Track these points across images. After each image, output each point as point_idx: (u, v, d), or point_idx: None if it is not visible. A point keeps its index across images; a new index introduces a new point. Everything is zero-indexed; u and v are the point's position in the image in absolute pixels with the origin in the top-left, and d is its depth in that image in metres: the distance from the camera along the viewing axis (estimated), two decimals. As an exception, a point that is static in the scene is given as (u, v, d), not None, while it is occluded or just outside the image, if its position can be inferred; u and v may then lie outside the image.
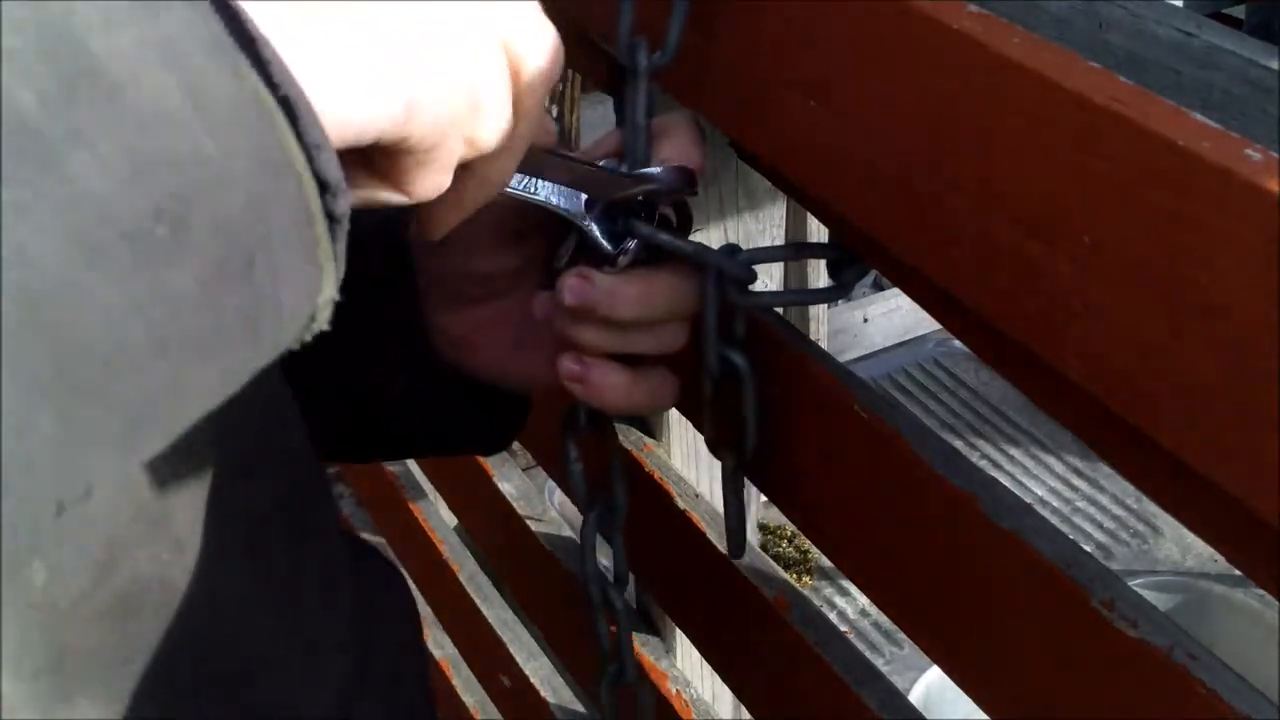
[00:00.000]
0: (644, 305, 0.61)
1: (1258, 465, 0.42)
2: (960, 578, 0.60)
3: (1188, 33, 0.50)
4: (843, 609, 2.26)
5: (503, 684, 1.34)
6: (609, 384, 0.63)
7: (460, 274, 0.65)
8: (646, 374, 0.64)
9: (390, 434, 0.73)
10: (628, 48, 0.62)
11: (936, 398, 2.63)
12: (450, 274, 0.65)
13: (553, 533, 1.10)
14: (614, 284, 0.60)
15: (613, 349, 0.63)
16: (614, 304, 0.60)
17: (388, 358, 0.67)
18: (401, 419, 0.70)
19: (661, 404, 0.66)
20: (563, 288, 0.60)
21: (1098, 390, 0.47)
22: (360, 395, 0.69)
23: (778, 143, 0.60)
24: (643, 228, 0.61)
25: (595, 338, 0.62)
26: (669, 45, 0.62)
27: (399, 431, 0.72)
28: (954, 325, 0.59)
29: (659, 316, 0.62)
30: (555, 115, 2.40)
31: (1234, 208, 0.40)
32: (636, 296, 0.61)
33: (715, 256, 0.62)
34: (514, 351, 0.67)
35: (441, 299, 0.66)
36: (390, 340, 0.66)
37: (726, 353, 0.64)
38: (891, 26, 0.51)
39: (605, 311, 0.60)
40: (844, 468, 0.67)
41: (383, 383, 0.68)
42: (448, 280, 0.66)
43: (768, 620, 0.76)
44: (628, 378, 0.63)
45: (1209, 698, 0.48)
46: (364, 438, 0.73)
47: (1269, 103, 0.48)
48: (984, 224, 0.49)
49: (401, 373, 0.67)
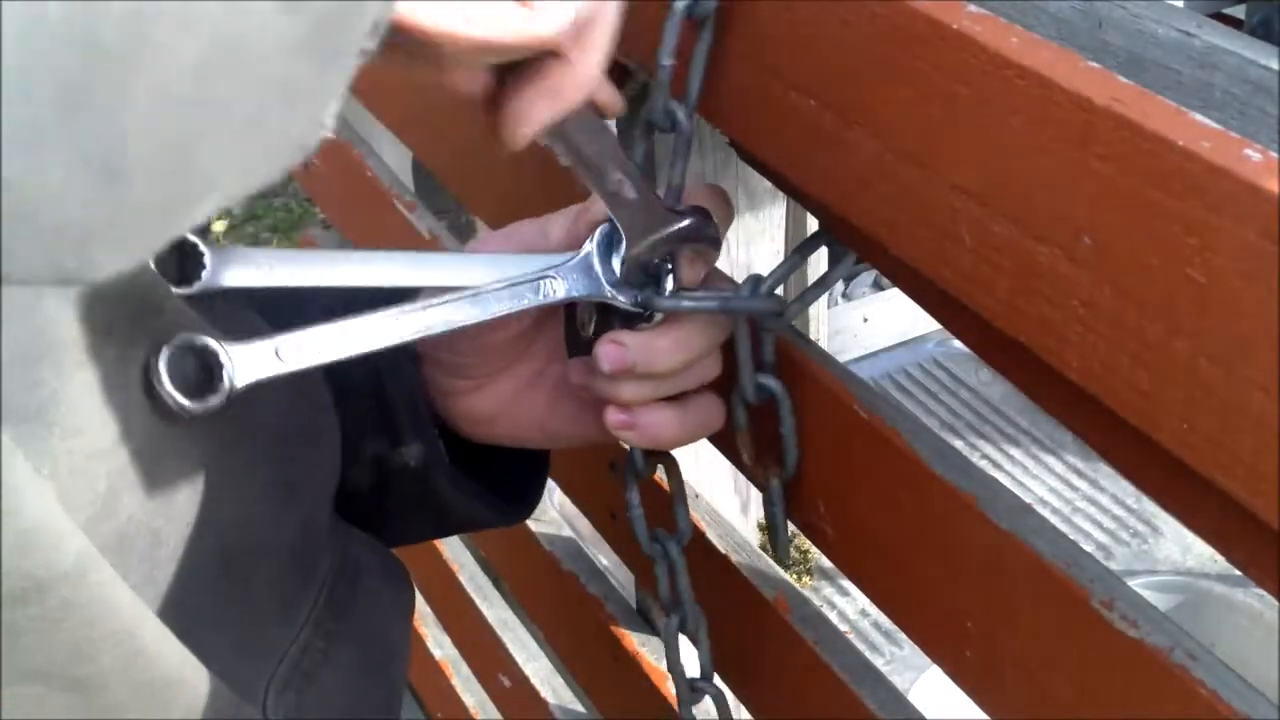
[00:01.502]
0: (680, 353, 0.61)
1: (1258, 466, 0.42)
2: (960, 578, 0.60)
3: (1188, 33, 0.50)
4: (843, 609, 2.26)
5: (503, 684, 1.34)
6: (660, 424, 0.63)
7: (477, 352, 0.65)
8: (692, 403, 0.65)
9: (413, 511, 0.71)
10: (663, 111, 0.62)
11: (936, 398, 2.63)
12: (467, 358, 0.65)
13: (553, 533, 1.10)
14: (647, 341, 0.61)
15: (656, 396, 0.63)
16: (651, 360, 0.61)
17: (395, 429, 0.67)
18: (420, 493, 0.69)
19: (714, 426, 0.66)
20: (599, 357, 0.60)
21: (1098, 390, 0.47)
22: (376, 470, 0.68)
23: (778, 143, 0.60)
24: (664, 301, 0.61)
25: (637, 391, 0.62)
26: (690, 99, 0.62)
27: (421, 507, 0.70)
28: (954, 325, 0.59)
29: (695, 358, 0.62)
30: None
31: (1234, 208, 0.40)
32: (671, 347, 0.61)
33: (743, 303, 0.62)
34: (551, 412, 0.68)
35: (461, 383, 0.66)
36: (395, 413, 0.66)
37: (762, 380, 0.66)
38: (891, 26, 0.51)
39: (644, 369, 0.61)
40: (843, 468, 0.67)
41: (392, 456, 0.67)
42: (465, 360, 0.66)
43: (768, 620, 0.76)
44: (676, 413, 0.64)
45: (1209, 698, 0.48)
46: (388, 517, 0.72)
47: (1269, 103, 0.48)
48: (984, 224, 0.49)
49: (411, 444, 0.67)
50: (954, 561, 0.60)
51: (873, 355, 2.72)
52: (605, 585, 1.04)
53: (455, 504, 0.69)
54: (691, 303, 0.61)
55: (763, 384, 0.66)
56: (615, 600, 1.03)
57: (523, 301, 0.59)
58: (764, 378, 0.66)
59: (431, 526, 0.74)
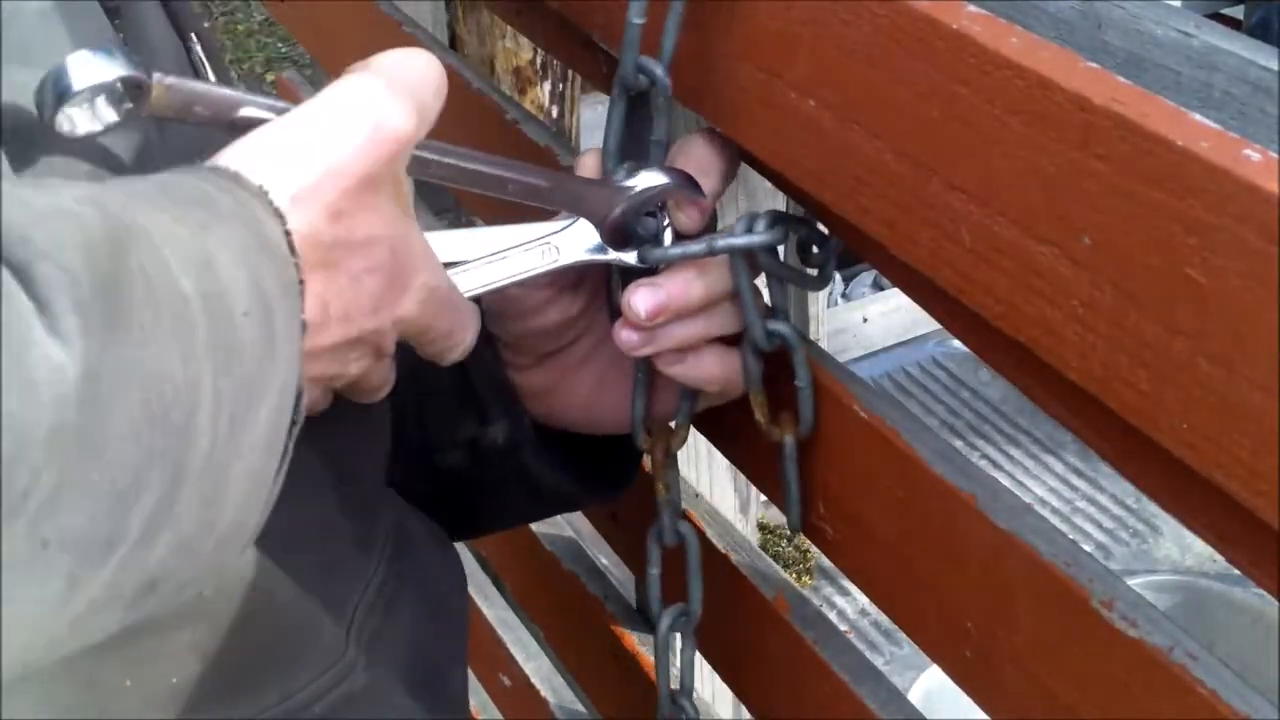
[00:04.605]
0: (706, 282, 0.64)
1: (1258, 466, 0.42)
2: (960, 578, 0.60)
3: (1187, 33, 0.51)
4: (843, 609, 2.26)
5: (503, 684, 1.34)
6: (708, 357, 0.66)
7: (533, 332, 0.69)
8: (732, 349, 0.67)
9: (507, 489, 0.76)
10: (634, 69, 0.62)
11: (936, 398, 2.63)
12: (524, 335, 0.69)
13: (553, 533, 1.10)
14: (674, 276, 0.64)
15: (697, 338, 0.65)
16: (686, 291, 0.63)
17: (481, 409, 0.72)
18: (511, 470, 0.74)
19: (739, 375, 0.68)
20: (631, 303, 0.63)
21: (1097, 390, 0.47)
22: (469, 452, 0.73)
23: (778, 142, 0.60)
24: (655, 252, 0.63)
25: (681, 332, 0.65)
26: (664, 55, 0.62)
27: (514, 484, 0.75)
28: (954, 325, 0.59)
29: (718, 292, 0.64)
30: (555, 116, 2.40)
31: (1234, 208, 0.40)
32: (696, 275, 0.64)
33: (729, 241, 0.62)
34: (597, 393, 0.72)
35: (520, 359, 0.71)
36: (479, 394, 0.72)
37: (773, 326, 0.65)
38: (891, 26, 0.51)
39: (681, 302, 0.63)
40: (844, 468, 0.67)
41: (482, 435, 0.72)
42: (523, 341, 0.70)
43: (768, 620, 0.76)
44: (719, 349, 0.66)
45: (1209, 697, 0.48)
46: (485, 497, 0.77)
47: (1268, 103, 0.48)
48: (984, 224, 0.49)
49: (498, 421, 0.72)
50: (954, 561, 0.60)
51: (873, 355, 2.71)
52: (605, 585, 1.04)
53: (544, 478, 0.74)
54: (680, 249, 0.63)
55: (773, 329, 0.64)
56: (615, 600, 1.03)
57: (526, 267, 0.62)
58: (775, 323, 0.65)
59: (527, 503, 0.80)
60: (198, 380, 0.39)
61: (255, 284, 0.43)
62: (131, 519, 0.38)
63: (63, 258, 0.36)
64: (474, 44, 2.32)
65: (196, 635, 0.53)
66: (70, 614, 0.38)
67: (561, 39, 0.85)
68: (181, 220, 0.42)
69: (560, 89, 2.40)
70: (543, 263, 0.63)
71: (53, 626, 0.38)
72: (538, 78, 2.36)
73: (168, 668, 0.53)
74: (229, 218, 0.44)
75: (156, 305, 0.39)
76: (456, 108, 0.56)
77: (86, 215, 0.38)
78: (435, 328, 0.56)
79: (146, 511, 0.38)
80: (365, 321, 0.52)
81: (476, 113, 0.93)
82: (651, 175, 0.63)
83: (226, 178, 0.46)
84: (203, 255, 0.41)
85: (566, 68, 2.25)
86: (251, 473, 0.44)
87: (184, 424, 0.39)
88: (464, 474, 0.74)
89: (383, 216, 0.51)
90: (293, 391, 0.45)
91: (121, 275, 0.38)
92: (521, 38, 2.23)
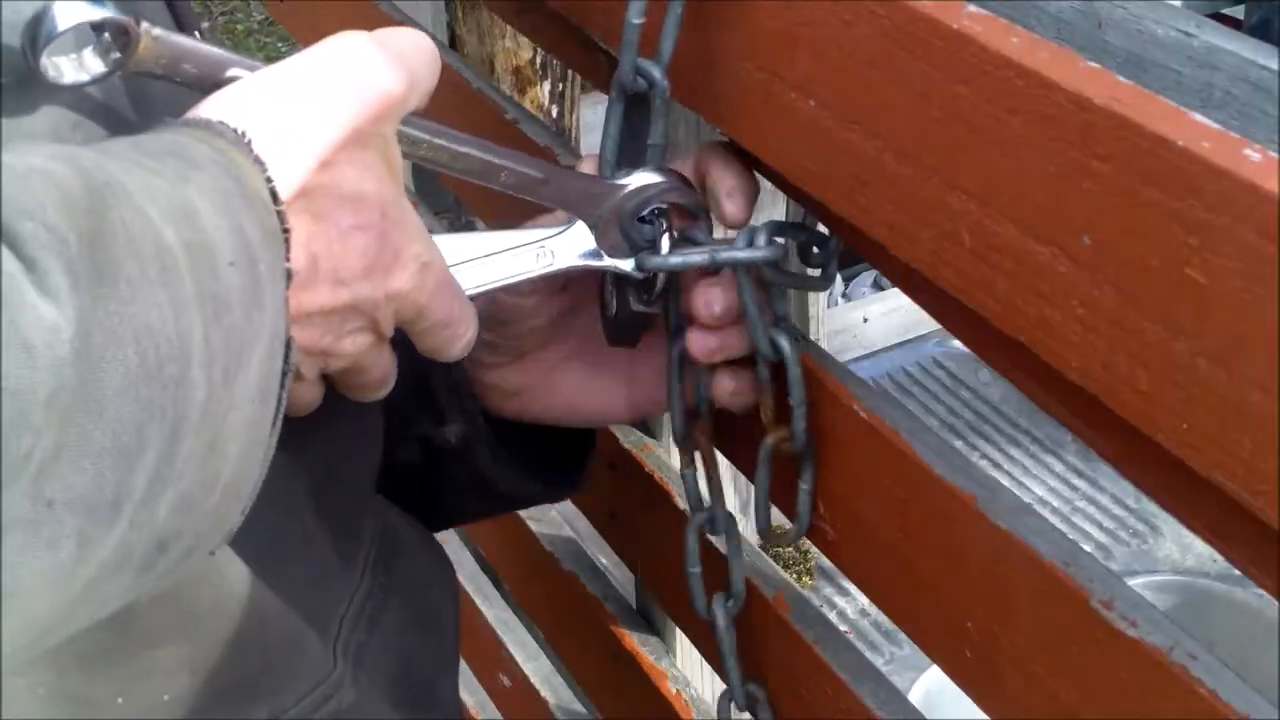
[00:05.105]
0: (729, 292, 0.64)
1: (1258, 466, 0.42)
2: (960, 578, 0.60)
3: (1187, 33, 0.51)
4: (843, 609, 2.26)
5: (503, 684, 1.34)
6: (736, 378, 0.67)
7: (517, 332, 0.69)
8: None
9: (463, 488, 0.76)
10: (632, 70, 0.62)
11: (936, 398, 2.63)
12: (506, 334, 0.69)
13: (553, 533, 1.10)
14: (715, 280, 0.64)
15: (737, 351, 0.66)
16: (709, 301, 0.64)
17: (438, 410, 0.72)
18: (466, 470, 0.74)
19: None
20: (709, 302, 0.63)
21: (1097, 390, 0.47)
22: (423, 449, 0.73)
23: (778, 143, 0.60)
24: (654, 260, 0.63)
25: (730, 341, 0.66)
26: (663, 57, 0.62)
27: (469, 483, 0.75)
28: (954, 325, 0.59)
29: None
30: (555, 116, 2.40)
31: (1234, 208, 0.40)
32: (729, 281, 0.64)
33: (731, 254, 0.62)
34: (581, 391, 0.72)
35: (497, 358, 0.71)
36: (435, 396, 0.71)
37: (774, 335, 0.65)
38: (891, 26, 0.51)
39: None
40: (844, 468, 0.67)
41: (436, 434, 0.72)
42: (505, 341, 0.70)
43: (768, 620, 0.76)
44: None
45: (1209, 697, 0.48)
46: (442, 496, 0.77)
47: (1269, 103, 0.48)
48: (984, 224, 0.49)
49: (453, 423, 0.72)
50: (954, 561, 0.60)
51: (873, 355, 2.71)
52: (605, 585, 1.04)
53: (499, 479, 0.74)
54: (680, 259, 0.63)
55: (774, 340, 0.65)
56: (615, 600, 1.03)
57: (521, 270, 0.62)
58: (777, 334, 0.65)
59: (483, 503, 0.80)
60: (189, 331, 0.39)
61: (238, 232, 0.42)
62: (136, 476, 0.38)
63: (46, 216, 0.36)
64: (474, 44, 2.33)
65: (186, 650, 0.53)
66: (82, 579, 0.38)
67: (561, 39, 0.85)
68: (158, 172, 0.41)
69: (560, 89, 2.40)
70: (537, 266, 0.63)
71: (66, 592, 0.38)
72: (538, 78, 2.37)
73: (159, 684, 0.52)
74: (207, 165, 0.43)
75: (142, 259, 0.38)
76: (456, 107, 0.56)
77: (63, 173, 0.37)
78: (432, 310, 0.55)
79: (149, 467, 0.38)
80: (358, 286, 0.51)
81: (476, 112, 0.93)
82: (647, 175, 0.63)
83: (201, 127, 0.45)
84: (184, 205, 0.41)
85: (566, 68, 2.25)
86: (249, 422, 0.43)
87: (180, 376, 0.38)
88: (417, 468, 0.74)
89: (372, 174, 0.50)
90: (283, 338, 0.45)
91: (105, 230, 0.37)
92: (521, 38, 2.23)
